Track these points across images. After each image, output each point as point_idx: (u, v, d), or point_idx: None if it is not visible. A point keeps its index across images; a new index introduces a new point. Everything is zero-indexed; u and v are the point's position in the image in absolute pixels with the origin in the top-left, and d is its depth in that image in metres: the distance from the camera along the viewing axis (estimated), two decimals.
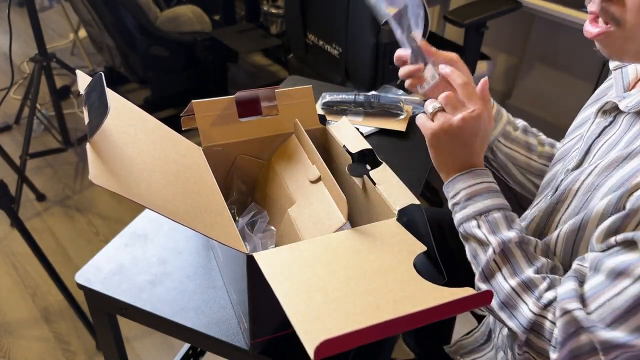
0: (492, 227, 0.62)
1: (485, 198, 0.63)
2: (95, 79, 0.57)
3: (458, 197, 0.65)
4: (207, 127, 0.75)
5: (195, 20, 2.31)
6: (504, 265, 0.60)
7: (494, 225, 0.62)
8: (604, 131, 0.64)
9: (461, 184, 0.65)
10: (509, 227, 0.61)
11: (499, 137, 0.82)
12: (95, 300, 0.76)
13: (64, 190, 2.08)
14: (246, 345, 0.67)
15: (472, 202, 0.64)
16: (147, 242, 0.81)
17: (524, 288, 0.58)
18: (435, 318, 0.48)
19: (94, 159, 0.50)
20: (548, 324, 0.55)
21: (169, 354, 1.48)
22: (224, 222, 0.58)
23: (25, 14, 1.77)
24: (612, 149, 0.61)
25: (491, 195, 0.63)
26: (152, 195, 0.53)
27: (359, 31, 1.54)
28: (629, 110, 0.60)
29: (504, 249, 0.60)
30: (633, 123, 0.60)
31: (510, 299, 0.59)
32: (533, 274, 0.58)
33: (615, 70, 0.68)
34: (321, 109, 1.15)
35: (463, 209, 0.64)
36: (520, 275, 0.59)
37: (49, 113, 2.43)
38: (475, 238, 0.63)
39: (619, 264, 0.51)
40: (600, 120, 0.66)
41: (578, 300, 0.53)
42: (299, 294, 0.49)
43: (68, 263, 1.76)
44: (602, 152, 0.63)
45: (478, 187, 0.64)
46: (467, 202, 0.64)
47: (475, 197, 0.64)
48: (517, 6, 1.68)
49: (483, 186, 0.64)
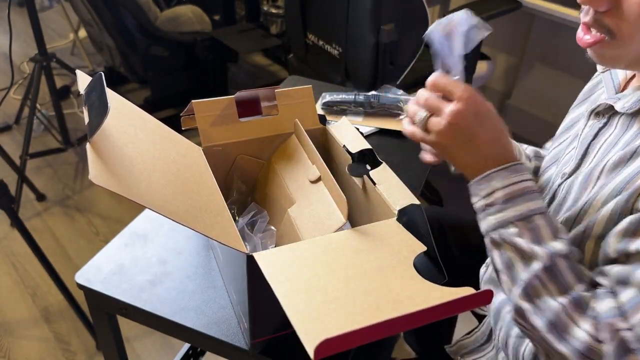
0: (536, 236, 0.54)
1: (527, 200, 0.55)
2: (95, 79, 0.57)
3: (493, 198, 0.56)
4: (207, 127, 0.75)
5: (195, 20, 2.31)
6: (551, 281, 0.53)
7: (538, 234, 0.54)
8: (599, 133, 0.64)
9: (497, 181, 0.56)
10: (554, 236, 0.55)
11: None
12: (95, 300, 0.76)
13: (64, 190, 2.08)
14: (246, 345, 0.67)
15: (512, 204, 0.55)
16: (147, 242, 0.81)
17: (576, 307, 0.52)
18: (436, 317, 0.48)
19: (94, 159, 0.50)
20: (605, 348, 0.50)
21: (169, 354, 1.48)
22: (224, 222, 0.58)
23: (25, 14, 1.77)
24: (610, 149, 0.61)
25: (532, 197, 0.56)
26: (152, 195, 0.53)
27: (359, 31, 1.54)
28: (626, 111, 0.59)
29: (552, 262, 0.53)
30: (630, 124, 0.59)
31: (560, 319, 0.52)
32: (583, 292, 0.53)
33: (603, 72, 0.68)
34: (321, 109, 1.15)
35: (500, 211, 0.56)
36: (571, 293, 0.53)
37: (49, 113, 2.43)
38: (515, 247, 0.55)
39: None
40: (594, 122, 0.65)
41: (621, 318, 0.50)
42: (299, 294, 0.49)
43: (68, 263, 1.76)
44: (600, 154, 0.62)
45: (518, 186, 0.56)
46: (505, 205, 0.55)
47: (516, 199, 0.55)
48: (517, 6, 1.68)
49: (523, 186, 0.56)
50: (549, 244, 0.54)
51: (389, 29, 1.48)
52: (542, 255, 0.53)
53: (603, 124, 0.63)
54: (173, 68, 2.39)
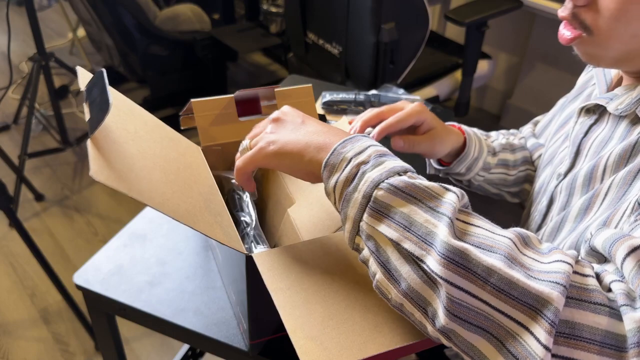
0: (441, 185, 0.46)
1: (399, 160, 0.48)
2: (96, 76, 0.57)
3: (366, 154, 0.47)
4: (207, 126, 0.75)
5: (194, 19, 2.31)
6: (472, 217, 0.45)
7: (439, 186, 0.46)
8: (590, 130, 0.63)
9: (366, 141, 0.49)
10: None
11: (480, 172, 0.78)
12: (93, 301, 0.76)
13: (62, 190, 2.08)
14: (245, 346, 0.66)
15: (388, 158, 0.47)
16: (146, 243, 0.81)
17: (520, 241, 0.44)
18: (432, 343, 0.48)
19: (94, 155, 0.49)
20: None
21: (168, 355, 1.48)
22: (224, 222, 0.58)
23: (24, 13, 1.77)
24: (604, 146, 0.60)
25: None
26: (152, 193, 0.52)
27: (359, 30, 1.54)
28: (620, 114, 0.58)
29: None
30: (621, 119, 0.59)
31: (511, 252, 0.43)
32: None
33: (596, 67, 0.67)
34: (321, 108, 1.15)
35: (379, 164, 0.46)
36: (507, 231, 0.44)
37: (48, 113, 2.43)
38: (422, 189, 0.44)
39: None
40: (584, 119, 0.64)
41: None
42: (298, 306, 0.48)
43: (67, 263, 1.75)
44: (593, 151, 0.61)
45: (385, 148, 0.49)
46: (381, 158, 0.47)
47: (389, 155, 0.48)
48: (518, 5, 1.67)
49: (387, 150, 0.49)
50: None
51: (389, 28, 1.48)
52: (452, 189, 0.45)
53: (594, 120, 0.62)
54: (172, 67, 2.39)
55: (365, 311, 0.49)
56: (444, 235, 0.41)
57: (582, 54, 0.57)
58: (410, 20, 1.54)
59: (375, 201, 0.44)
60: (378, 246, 0.44)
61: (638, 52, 0.53)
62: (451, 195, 0.44)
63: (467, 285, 0.39)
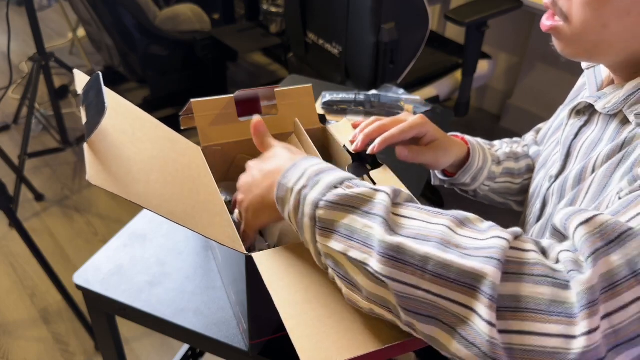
0: (367, 185, 0.47)
1: (338, 171, 0.49)
2: (93, 79, 0.57)
3: (306, 178, 0.49)
4: (206, 126, 0.75)
5: (194, 19, 2.30)
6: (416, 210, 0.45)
7: (368, 185, 0.47)
8: (580, 131, 0.63)
9: (305, 164, 0.51)
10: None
11: (485, 182, 0.78)
12: (93, 301, 0.76)
13: (62, 190, 2.08)
14: (245, 346, 0.66)
15: (325, 174, 0.48)
16: (146, 243, 0.81)
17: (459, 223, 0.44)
18: None
19: (91, 158, 0.49)
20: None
21: (168, 355, 1.48)
22: (223, 223, 0.58)
23: (24, 13, 1.77)
24: (595, 147, 0.60)
25: (339, 171, 0.50)
26: (150, 195, 0.52)
27: (359, 30, 1.54)
28: (607, 112, 0.58)
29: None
30: (610, 120, 0.58)
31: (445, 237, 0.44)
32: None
33: (587, 69, 0.66)
34: (321, 109, 1.15)
35: (317, 184, 0.47)
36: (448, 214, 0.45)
37: (48, 113, 2.43)
38: (356, 198, 0.45)
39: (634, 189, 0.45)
40: (575, 120, 0.64)
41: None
42: (297, 305, 0.48)
43: (67, 263, 1.75)
44: (584, 152, 0.61)
45: (325, 164, 0.51)
46: (319, 176, 0.48)
47: (327, 171, 0.49)
48: (518, 5, 1.67)
49: (328, 165, 0.51)
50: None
51: (389, 28, 1.48)
52: (382, 189, 0.46)
53: (584, 122, 0.62)
54: (172, 67, 2.39)
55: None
56: (379, 234, 0.42)
57: (558, 44, 0.57)
58: (410, 20, 1.54)
59: (320, 220, 0.46)
60: (335, 261, 0.46)
61: (609, 44, 0.53)
62: (381, 195, 0.45)
63: (408, 278, 0.40)
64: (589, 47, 0.54)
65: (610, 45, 0.53)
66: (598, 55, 0.55)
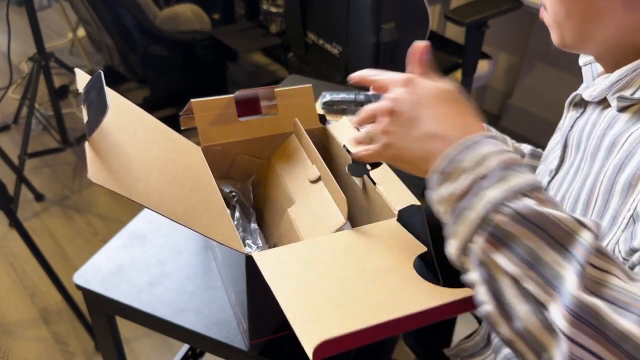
0: (558, 207, 0.41)
1: (528, 171, 0.43)
2: (94, 78, 0.57)
3: (487, 167, 0.42)
4: (206, 126, 0.75)
5: (194, 19, 2.31)
6: (605, 258, 0.39)
7: (559, 206, 0.41)
8: (575, 123, 0.63)
9: (488, 147, 0.43)
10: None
11: None
12: (93, 301, 0.76)
13: (62, 190, 2.08)
14: (245, 346, 0.66)
15: (514, 172, 0.41)
16: (146, 243, 0.81)
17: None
18: (436, 319, 0.48)
19: (92, 157, 0.49)
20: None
21: (168, 355, 1.48)
22: (223, 222, 0.58)
23: (24, 13, 1.77)
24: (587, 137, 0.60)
25: (529, 169, 0.44)
26: (150, 194, 0.52)
27: (359, 30, 1.54)
28: (592, 100, 0.59)
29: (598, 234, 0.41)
30: (599, 109, 0.59)
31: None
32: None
33: (584, 66, 0.67)
34: (321, 109, 1.15)
35: (502, 180, 0.41)
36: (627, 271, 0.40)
37: (48, 113, 2.43)
38: (553, 223, 0.39)
39: None
40: (572, 113, 0.65)
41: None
42: (298, 295, 0.48)
43: (67, 263, 1.75)
44: (576, 143, 0.62)
45: (513, 155, 0.43)
46: (506, 171, 0.41)
47: (516, 167, 0.42)
48: (518, 5, 1.68)
49: (517, 157, 0.44)
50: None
51: (389, 28, 1.48)
52: (588, 224, 0.39)
53: (580, 113, 0.63)
54: (172, 67, 2.39)
55: (366, 296, 0.49)
56: (573, 286, 0.36)
57: (552, 35, 0.58)
58: (410, 20, 1.54)
59: (496, 227, 0.39)
60: (492, 276, 0.40)
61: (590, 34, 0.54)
62: (586, 234, 0.38)
63: (594, 347, 0.35)
64: (567, 35, 0.56)
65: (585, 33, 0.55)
66: (580, 44, 0.57)
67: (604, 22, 0.53)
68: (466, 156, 0.43)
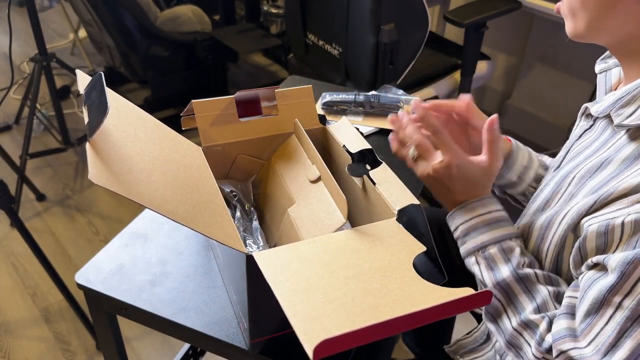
0: (489, 263, 0.61)
1: (481, 232, 0.63)
2: (95, 79, 0.57)
3: (457, 233, 0.65)
4: (207, 127, 0.75)
5: (195, 20, 2.31)
6: (507, 305, 0.60)
7: (491, 261, 0.61)
8: (584, 134, 0.65)
9: (458, 219, 0.65)
10: (506, 260, 0.61)
11: (533, 183, 0.80)
12: (95, 300, 0.76)
13: (64, 190, 2.08)
14: (246, 345, 0.67)
15: (468, 237, 0.64)
16: (147, 242, 0.81)
17: (525, 328, 0.58)
18: (435, 318, 0.48)
19: (93, 158, 0.50)
20: None
21: (169, 354, 1.48)
22: (224, 222, 0.58)
23: (25, 14, 1.77)
24: (582, 152, 0.62)
25: (488, 229, 0.63)
26: (151, 195, 0.53)
27: (359, 31, 1.54)
28: (598, 115, 0.60)
29: (503, 287, 0.60)
30: (605, 129, 0.60)
31: (513, 339, 0.59)
32: (532, 314, 0.58)
33: (600, 73, 0.68)
34: (321, 109, 1.15)
35: (462, 244, 0.65)
36: (521, 315, 0.59)
37: (49, 113, 2.43)
38: (477, 276, 0.63)
39: (598, 295, 0.52)
40: (583, 124, 0.66)
41: (571, 338, 0.53)
42: (298, 294, 0.49)
43: (68, 263, 1.76)
44: (572, 154, 0.64)
45: (473, 221, 0.63)
46: (465, 238, 0.64)
47: (471, 233, 0.63)
48: (517, 6, 1.68)
49: (478, 220, 0.63)
50: (500, 269, 0.61)
51: (389, 29, 1.48)
52: (491, 283, 0.61)
53: (589, 125, 0.64)
54: (173, 68, 2.39)
55: (366, 295, 0.49)
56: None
57: (566, 24, 0.61)
58: (410, 21, 1.55)
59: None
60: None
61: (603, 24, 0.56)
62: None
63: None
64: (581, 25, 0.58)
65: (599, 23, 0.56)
66: (593, 34, 0.58)
67: (617, 13, 0.54)
68: (450, 224, 0.67)
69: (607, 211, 0.53)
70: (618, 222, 0.51)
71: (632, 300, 0.50)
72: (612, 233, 0.52)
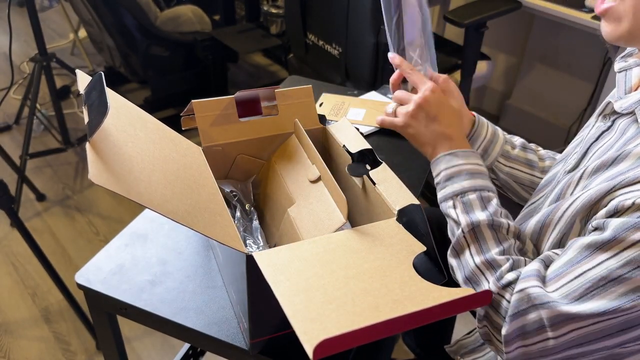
0: (466, 208, 0.64)
1: (463, 179, 0.65)
2: (95, 79, 0.57)
3: (439, 178, 0.68)
4: (207, 127, 0.75)
5: (195, 20, 2.31)
6: (473, 243, 0.62)
7: (468, 206, 0.64)
8: (601, 135, 0.64)
9: (442, 165, 0.68)
10: (483, 208, 0.63)
11: (499, 158, 0.80)
12: (95, 300, 0.76)
13: (64, 190, 2.08)
14: (246, 345, 0.67)
15: (450, 182, 0.66)
16: (147, 242, 0.82)
17: (487, 266, 0.60)
18: (435, 318, 0.48)
19: (93, 158, 0.50)
20: (505, 303, 0.57)
21: (169, 354, 1.48)
22: (224, 222, 0.58)
23: (25, 14, 1.77)
24: (605, 153, 0.61)
25: (470, 177, 0.65)
26: (151, 195, 0.53)
27: (359, 31, 1.54)
28: (622, 111, 0.60)
29: (474, 229, 0.62)
30: (627, 128, 0.60)
31: (473, 275, 0.61)
32: (497, 255, 0.60)
33: (619, 72, 0.68)
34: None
35: (442, 189, 0.67)
36: (486, 254, 0.61)
37: (49, 113, 2.43)
38: (451, 217, 0.65)
39: (583, 247, 0.53)
40: (600, 124, 0.66)
41: (538, 279, 0.55)
42: (298, 294, 0.49)
43: (68, 263, 1.76)
44: (596, 156, 0.63)
45: (457, 168, 0.66)
46: (445, 183, 0.67)
47: (453, 178, 0.66)
48: (517, 6, 1.68)
49: (462, 167, 0.66)
50: (475, 213, 0.63)
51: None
52: (465, 223, 0.63)
53: (607, 127, 0.64)
54: (173, 68, 2.39)
55: (366, 295, 0.49)
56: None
57: (605, 26, 0.61)
58: None
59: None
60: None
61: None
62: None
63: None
64: (633, 28, 0.58)
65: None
66: (630, 38, 0.60)
67: None
68: (433, 168, 0.70)
69: (621, 193, 0.54)
70: (629, 202, 0.52)
71: (615, 263, 0.50)
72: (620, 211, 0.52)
